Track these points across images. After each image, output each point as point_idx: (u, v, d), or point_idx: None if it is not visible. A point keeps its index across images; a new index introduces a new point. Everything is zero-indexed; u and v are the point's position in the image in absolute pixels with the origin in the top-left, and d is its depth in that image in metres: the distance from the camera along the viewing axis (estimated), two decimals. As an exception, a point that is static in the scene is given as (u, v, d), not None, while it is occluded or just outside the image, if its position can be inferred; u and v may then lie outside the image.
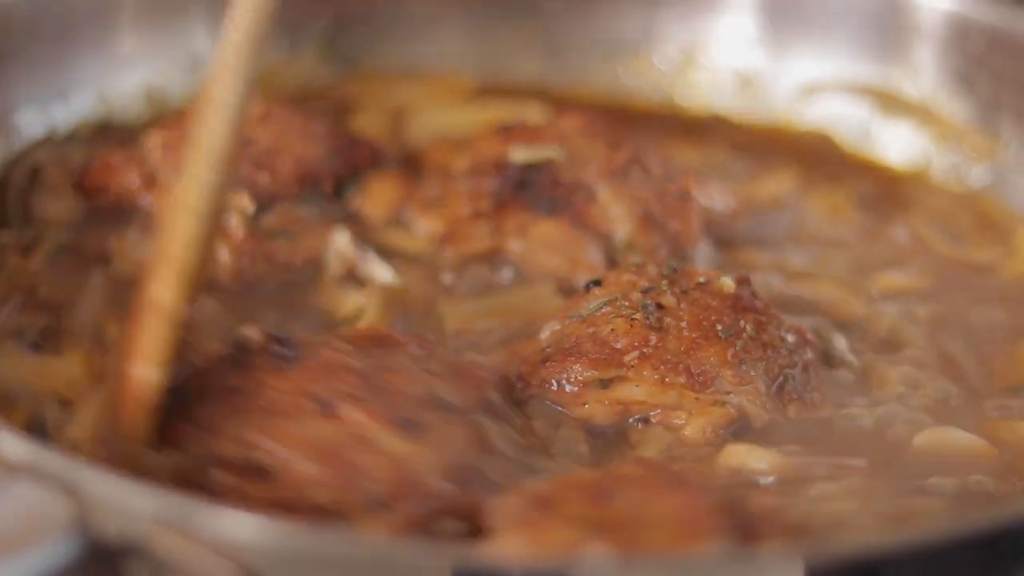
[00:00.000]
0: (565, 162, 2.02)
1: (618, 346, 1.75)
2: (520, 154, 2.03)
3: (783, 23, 2.35)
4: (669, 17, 2.39)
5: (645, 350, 1.74)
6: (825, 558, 1.44)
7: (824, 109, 2.32)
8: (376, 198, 2.01)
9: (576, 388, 1.75)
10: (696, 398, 1.73)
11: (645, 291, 1.79)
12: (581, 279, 1.91)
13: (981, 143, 2.22)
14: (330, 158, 2.01)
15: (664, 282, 1.80)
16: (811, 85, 2.33)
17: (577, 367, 1.75)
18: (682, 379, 1.73)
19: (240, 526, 1.42)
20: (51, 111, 2.16)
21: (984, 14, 2.22)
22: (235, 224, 1.91)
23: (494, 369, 1.77)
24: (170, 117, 2.09)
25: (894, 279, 2.03)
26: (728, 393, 1.73)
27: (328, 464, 1.57)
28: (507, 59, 2.40)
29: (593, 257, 1.96)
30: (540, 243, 1.97)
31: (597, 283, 1.85)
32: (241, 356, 1.66)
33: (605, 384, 1.75)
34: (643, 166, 2.02)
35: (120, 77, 2.22)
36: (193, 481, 1.58)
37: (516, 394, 1.76)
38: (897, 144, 2.28)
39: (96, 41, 2.20)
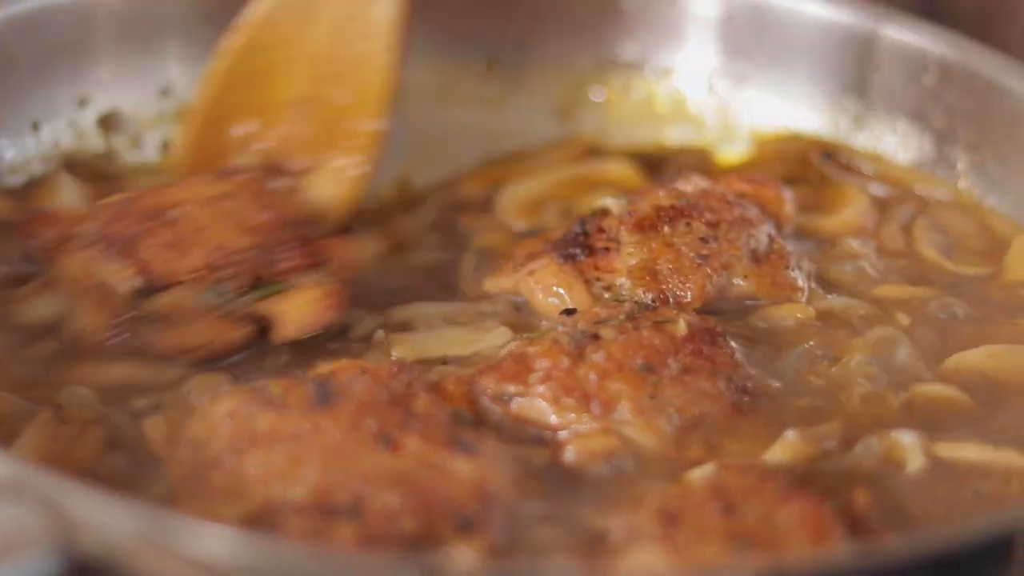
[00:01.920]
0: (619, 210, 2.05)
1: (533, 366, 1.80)
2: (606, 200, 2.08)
3: (741, 56, 2.39)
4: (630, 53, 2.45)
5: (553, 372, 1.79)
6: (774, 572, 1.49)
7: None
8: (295, 310, 1.91)
9: (490, 400, 1.80)
10: (589, 423, 1.77)
11: (598, 322, 1.84)
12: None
13: (934, 182, 2.27)
14: (256, 254, 1.91)
15: (623, 316, 1.85)
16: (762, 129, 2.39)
17: (486, 380, 1.81)
18: (573, 402, 1.78)
19: (219, 542, 1.45)
20: (24, 141, 2.19)
21: (939, 47, 2.26)
22: (115, 296, 1.87)
23: (469, 383, 1.81)
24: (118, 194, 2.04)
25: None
26: (624, 423, 1.77)
27: (409, 493, 1.60)
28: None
29: (577, 302, 1.97)
30: (541, 285, 2.00)
31: (571, 312, 1.91)
32: (274, 400, 1.69)
33: (508, 398, 1.80)
34: (690, 221, 2.00)
35: (92, 107, 2.25)
36: (264, 528, 1.60)
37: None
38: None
39: (70, 71, 2.22)
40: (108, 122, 2.26)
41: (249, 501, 1.61)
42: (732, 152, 2.38)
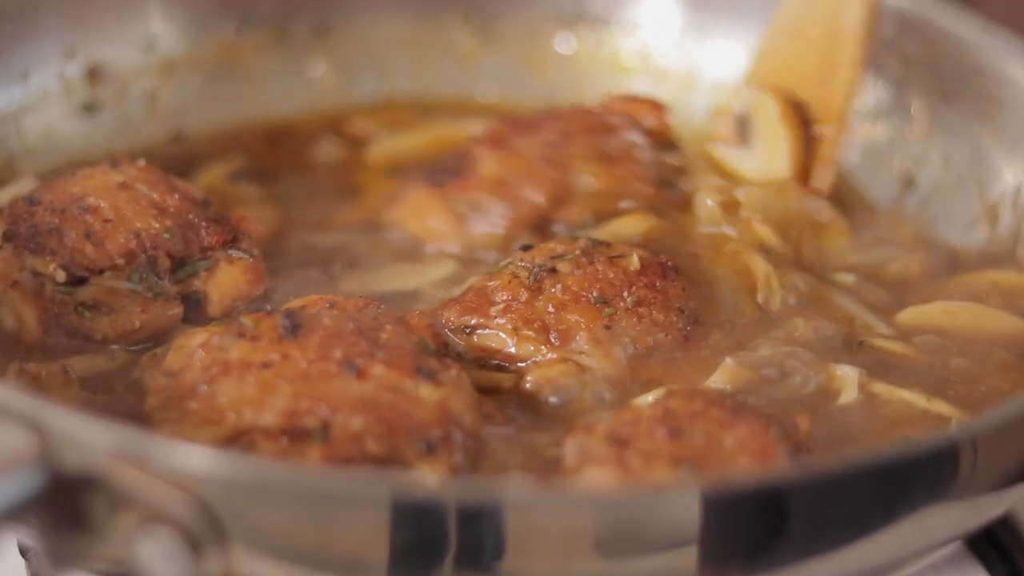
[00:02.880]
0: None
1: (494, 299, 1.88)
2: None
3: (701, 10, 2.46)
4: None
5: (513, 304, 1.87)
6: (720, 487, 1.56)
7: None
8: (222, 284, 1.97)
9: (450, 332, 1.88)
10: (548, 353, 1.85)
11: (555, 257, 1.91)
12: (431, 245, 2.09)
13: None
14: (171, 236, 1.94)
15: (579, 251, 1.92)
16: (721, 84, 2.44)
17: (449, 313, 1.89)
18: (532, 333, 1.85)
19: (192, 458, 1.52)
20: (13, 90, 2.26)
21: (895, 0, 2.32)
22: (45, 290, 1.89)
23: (433, 316, 1.89)
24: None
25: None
26: (581, 353, 1.85)
27: (375, 416, 1.67)
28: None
29: (441, 224, 2.08)
30: (409, 210, 2.11)
31: (528, 247, 1.98)
32: (246, 331, 1.76)
33: (470, 330, 1.88)
34: (541, 132, 2.12)
35: (79, 59, 2.32)
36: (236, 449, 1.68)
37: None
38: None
39: (56, 23, 2.29)
40: (95, 73, 2.33)
41: (221, 427, 1.69)
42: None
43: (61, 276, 1.89)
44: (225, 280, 1.96)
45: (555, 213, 2.09)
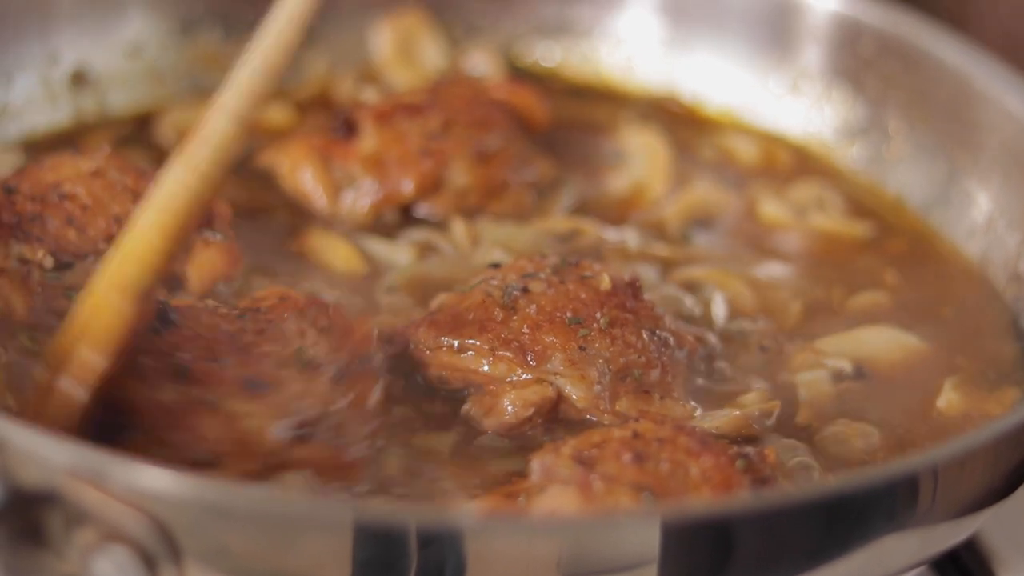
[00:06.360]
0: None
1: (468, 318, 1.88)
2: None
3: (683, 24, 2.46)
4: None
5: (488, 324, 1.87)
6: (680, 517, 1.56)
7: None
8: (200, 265, 1.99)
9: (425, 352, 1.88)
10: (523, 374, 1.85)
11: (526, 276, 1.91)
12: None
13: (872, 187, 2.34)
14: None
15: (549, 270, 1.92)
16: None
17: (422, 332, 1.89)
18: (509, 353, 1.85)
19: (151, 479, 1.52)
20: (-2, 93, 2.28)
21: (873, 18, 2.34)
22: (32, 276, 1.92)
23: (379, 327, 1.89)
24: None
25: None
26: (556, 375, 1.85)
27: (168, 426, 1.69)
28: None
29: (313, 184, 2.15)
30: (289, 159, 2.17)
31: (497, 265, 1.98)
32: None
33: (443, 350, 1.87)
34: (427, 118, 2.16)
35: (63, 64, 2.33)
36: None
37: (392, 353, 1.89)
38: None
39: (38, 27, 2.29)
40: (78, 79, 2.33)
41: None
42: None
43: (50, 262, 1.92)
44: (203, 261, 1.98)
45: (420, 200, 2.15)
